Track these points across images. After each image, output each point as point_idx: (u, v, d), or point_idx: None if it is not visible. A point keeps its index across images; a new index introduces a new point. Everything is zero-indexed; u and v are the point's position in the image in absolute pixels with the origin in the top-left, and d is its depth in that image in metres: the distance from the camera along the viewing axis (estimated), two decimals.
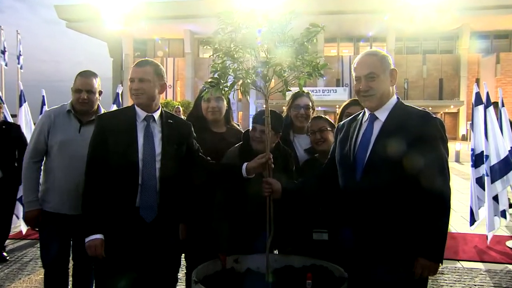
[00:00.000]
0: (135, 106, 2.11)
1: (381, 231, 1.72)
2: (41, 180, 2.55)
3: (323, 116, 2.56)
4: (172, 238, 2.13)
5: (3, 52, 9.38)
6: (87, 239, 1.96)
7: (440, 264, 1.71)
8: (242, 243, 2.16)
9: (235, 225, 2.22)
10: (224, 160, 2.31)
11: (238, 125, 2.80)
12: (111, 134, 2.02)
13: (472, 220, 4.82)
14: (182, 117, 2.96)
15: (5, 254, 4.23)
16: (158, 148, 2.06)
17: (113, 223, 1.97)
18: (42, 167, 2.55)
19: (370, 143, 1.76)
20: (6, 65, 9.54)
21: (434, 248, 1.68)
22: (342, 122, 2.02)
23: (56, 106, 2.62)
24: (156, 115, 2.12)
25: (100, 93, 2.62)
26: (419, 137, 1.66)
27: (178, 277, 2.43)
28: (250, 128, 2.31)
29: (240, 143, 2.36)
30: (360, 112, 1.95)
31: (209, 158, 2.25)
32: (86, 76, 2.55)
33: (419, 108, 1.79)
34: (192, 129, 2.24)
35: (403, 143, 1.66)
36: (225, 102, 2.58)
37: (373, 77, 1.76)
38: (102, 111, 2.58)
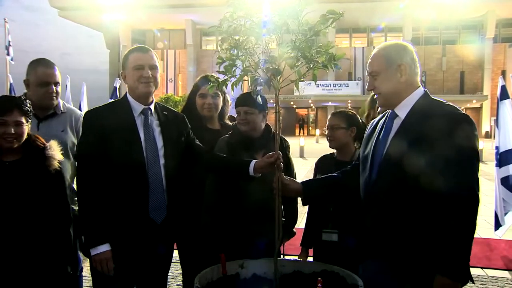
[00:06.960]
0: (129, 98, 2.07)
1: (393, 240, 1.67)
2: None
3: (345, 111, 2.50)
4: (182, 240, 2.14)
5: None
6: (93, 252, 1.93)
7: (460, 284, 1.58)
8: (245, 246, 2.16)
9: (237, 227, 2.23)
10: (216, 150, 2.35)
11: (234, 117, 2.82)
12: (108, 132, 1.96)
13: (497, 225, 4.72)
14: None
15: None
16: (159, 143, 2.05)
17: (122, 228, 1.96)
18: None
19: (387, 142, 1.75)
20: None
21: (456, 264, 1.57)
22: (375, 120, 2.01)
23: None
24: (152, 107, 2.10)
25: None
26: (439, 137, 1.59)
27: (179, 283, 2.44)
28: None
29: (230, 132, 2.42)
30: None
31: None
32: (49, 66, 2.37)
33: (447, 103, 1.72)
34: (187, 120, 2.25)
35: (421, 142, 1.62)
36: (221, 99, 2.61)
37: (375, 76, 1.79)
38: (61, 104, 2.46)
